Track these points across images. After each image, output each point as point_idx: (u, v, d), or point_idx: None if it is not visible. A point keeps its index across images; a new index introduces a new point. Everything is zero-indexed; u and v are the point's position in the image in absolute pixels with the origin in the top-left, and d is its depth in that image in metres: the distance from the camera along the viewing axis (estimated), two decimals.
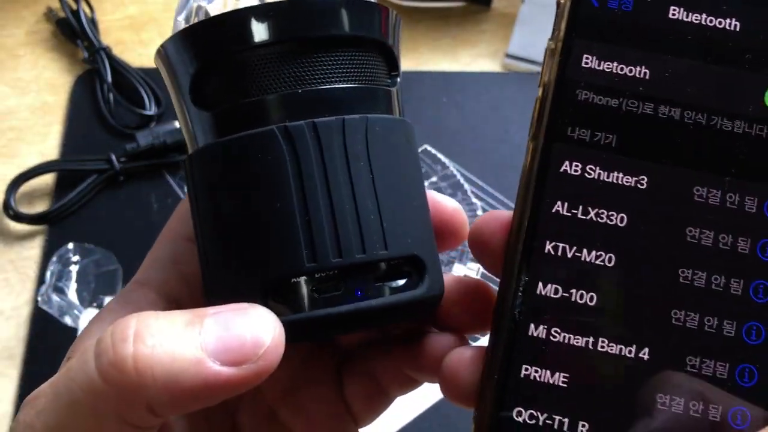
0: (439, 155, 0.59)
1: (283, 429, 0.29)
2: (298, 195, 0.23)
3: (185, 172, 0.26)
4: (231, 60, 0.24)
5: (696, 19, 0.24)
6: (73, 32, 0.61)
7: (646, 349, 0.23)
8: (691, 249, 0.23)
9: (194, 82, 0.25)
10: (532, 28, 0.64)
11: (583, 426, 0.23)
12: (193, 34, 0.25)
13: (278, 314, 0.23)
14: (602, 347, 0.23)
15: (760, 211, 0.24)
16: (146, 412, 0.21)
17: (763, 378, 0.23)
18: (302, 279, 0.23)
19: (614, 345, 0.23)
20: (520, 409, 0.23)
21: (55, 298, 0.51)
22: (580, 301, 0.23)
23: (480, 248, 0.25)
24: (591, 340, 0.23)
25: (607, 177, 0.24)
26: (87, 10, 0.62)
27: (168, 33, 0.26)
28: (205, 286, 0.25)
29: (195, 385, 0.21)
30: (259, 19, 0.24)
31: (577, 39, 0.24)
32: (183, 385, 0.21)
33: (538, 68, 0.64)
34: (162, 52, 0.26)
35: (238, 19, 0.24)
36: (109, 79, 0.59)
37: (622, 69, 0.24)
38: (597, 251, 0.24)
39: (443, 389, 0.25)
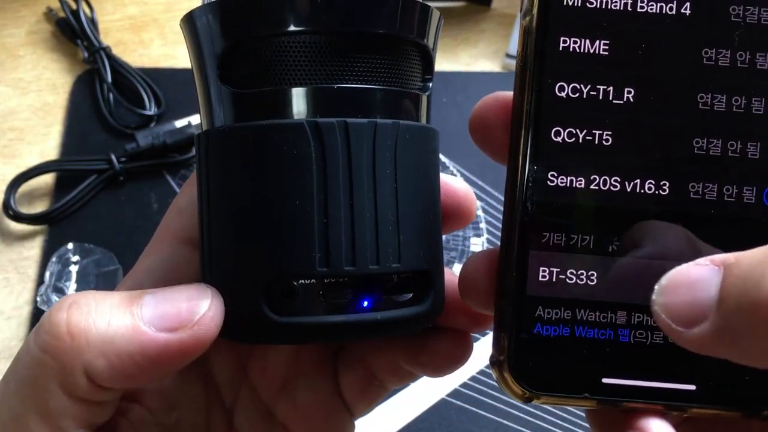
0: (439, 155, 0.58)
1: (280, 426, 0.29)
2: (319, 195, 0.22)
3: (198, 147, 0.25)
4: (270, 43, 0.23)
5: None
6: (73, 32, 0.61)
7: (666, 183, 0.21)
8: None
9: (224, 58, 0.23)
10: None
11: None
12: (235, 7, 0.23)
13: (282, 314, 0.23)
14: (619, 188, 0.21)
15: None
16: (86, 381, 0.22)
17: None
18: (311, 281, 0.23)
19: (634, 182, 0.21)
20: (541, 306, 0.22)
21: (54, 298, 0.50)
22: (597, 143, 0.21)
23: (483, 132, 0.25)
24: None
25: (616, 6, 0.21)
26: (87, 10, 0.62)
27: (167, 34, 0.26)
28: (204, 271, 0.25)
29: (132, 351, 0.21)
30: (307, 5, 0.23)
31: None
32: (119, 350, 0.21)
33: None
34: (190, 20, 0.24)
35: (284, 0, 0.23)
36: (109, 79, 0.59)
37: None
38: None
39: (463, 295, 0.24)
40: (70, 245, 0.53)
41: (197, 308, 0.22)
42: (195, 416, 0.28)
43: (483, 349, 0.50)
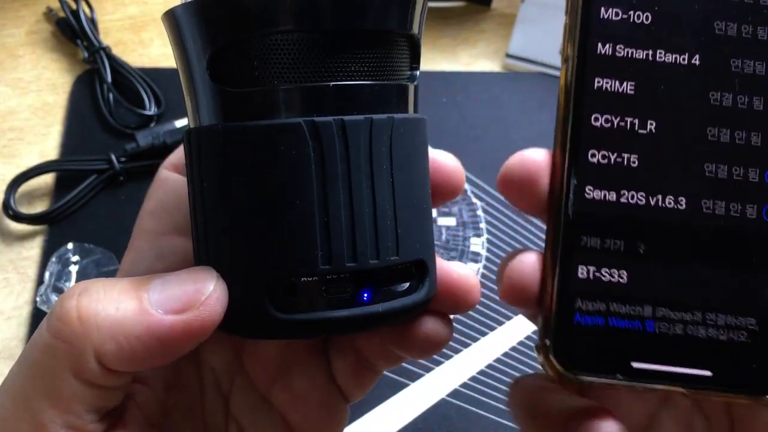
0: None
1: (276, 413, 0.30)
2: (319, 194, 0.22)
3: (188, 145, 0.24)
4: (263, 42, 0.23)
5: None
6: (73, 32, 0.61)
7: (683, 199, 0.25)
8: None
9: (215, 57, 0.23)
10: (532, 28, 0.64)
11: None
12: (228, 5, 0.23)
13: (285, 311, 0.23)
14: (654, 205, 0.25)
15: None
16: (97, 365, 0.22)
17: None
18: (313, 279, 0.23)
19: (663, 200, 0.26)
20: (582, 300, 0.25)
21: (54, 298, 0.51)
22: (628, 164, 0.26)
23: (517, 188, 0.26)
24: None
25: (644, 56, 0.26)
26: (87, 10, 0.62)
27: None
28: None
29: (140, 334, 0.22)
30: (301, 2, 0.23)
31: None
32: (127, 333, 0.22)
33: (538, 68, 0.64)
34: (173, 17, 0.24)
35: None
36: (109, 79, 0.59)
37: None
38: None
39: (506, 295, 0.25)
40: (70, 245, 0.53)
41: (203, 289, 0.23)
42: (190, 399, 0.28)
43: (483, 350, 0.50)
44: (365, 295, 0.23)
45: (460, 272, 0.26)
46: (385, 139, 0.23)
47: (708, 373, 0.25)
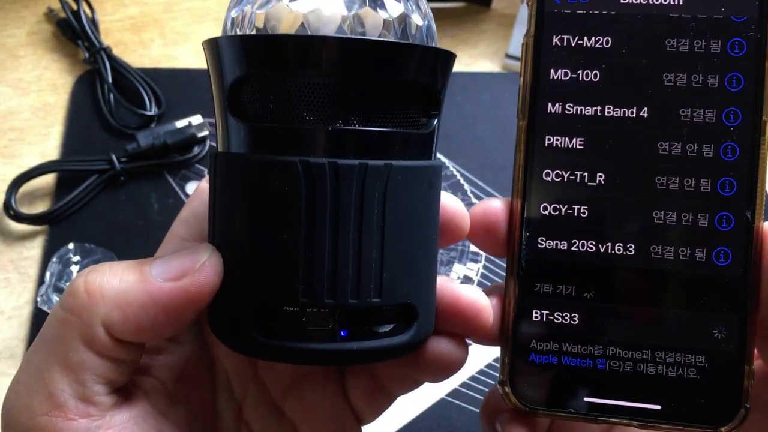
0: (439, 155, 0.59)
1: (288, 423, 0.30)
2: (306, 231, 0.24)
3: (210, 167, 0.27)
4: (270, 82, 0.24)
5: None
6: (73, 33, 0.61)
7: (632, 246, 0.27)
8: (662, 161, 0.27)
9: (231, 89, 0.25)
10: None
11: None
12: (241, 44, 0.25)
13: (266, 335, 0.24)
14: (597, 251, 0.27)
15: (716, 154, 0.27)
16: (105, 335, 0.24)
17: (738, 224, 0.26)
18: (294, 309, 0.24)
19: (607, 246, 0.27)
20: (536, 335, 0.27)
21: (55, 298, 0.51)
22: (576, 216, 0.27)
23: (480, 235, 0.28)
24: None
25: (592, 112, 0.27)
26: (87, 11, 0.62)
27: (168, 34, 0.26)
28: None
29: (143, 301, 0.24)
30: (308, 48, 0.24)
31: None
32: (131, 301, 0.24)
33: None
34: (212, 45, 0.25)
35: (291, 42, 0.24)
36: (110, 79, 0.59)
37: (588, 40, 0.27)
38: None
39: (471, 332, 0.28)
40: (71, 245, 0.53)
41: (198, 258, 0.25)
42: (203, 395, 0.29)
43: (482, 350, 0.50)
44: (344, 332, 0.25)
45: (468, 295, 0.27)
46: (379, 185, 0.24)
47: (658, 407, 0.26)
